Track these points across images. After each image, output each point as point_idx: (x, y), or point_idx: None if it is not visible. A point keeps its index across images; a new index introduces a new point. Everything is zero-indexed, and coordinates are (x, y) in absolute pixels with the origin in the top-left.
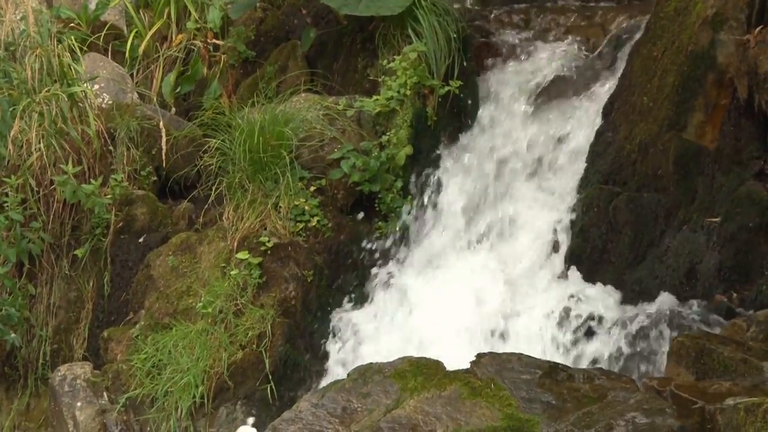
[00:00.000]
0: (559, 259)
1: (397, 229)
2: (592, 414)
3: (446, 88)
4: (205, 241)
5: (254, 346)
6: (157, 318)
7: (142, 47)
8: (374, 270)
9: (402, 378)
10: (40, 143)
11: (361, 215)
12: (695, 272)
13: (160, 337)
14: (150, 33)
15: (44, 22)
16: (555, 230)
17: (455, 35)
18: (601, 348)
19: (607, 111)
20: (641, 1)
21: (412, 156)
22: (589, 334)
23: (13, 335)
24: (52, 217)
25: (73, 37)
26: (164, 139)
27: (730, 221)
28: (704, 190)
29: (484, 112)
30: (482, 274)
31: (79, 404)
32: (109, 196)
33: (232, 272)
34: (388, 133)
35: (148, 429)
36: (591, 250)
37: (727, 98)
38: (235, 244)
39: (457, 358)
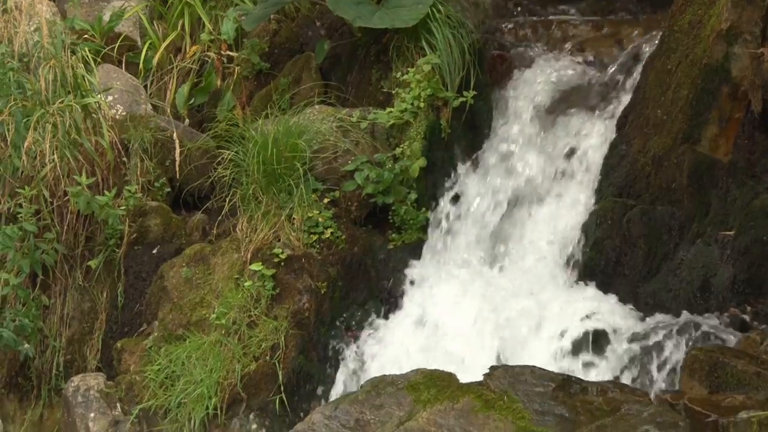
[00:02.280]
0: (574, 270)
1: (413, 240)
2: (606, 427)
3: (460, 100)
4: (218, 252)
5: (267, 357)
6: (171, 329)
7: (156, 59)
8: (388, 282)
9: (415, 390)
10: (53, 154)
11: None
12: (709, 285)
13: (174, 349)
14: (164, 44)
15: (58, 33)
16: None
17: (469, 47)
18: (614, 360)
19: (621, 124)
20: (656, 15)
21: (424, 168)
22: (603, 345)
23: (26, 346)
24: (65, 228)
25: (87, 49)
26: (178, 150)
27: (744, 235)
28: (718, 204)
29: (499, 123)
30: (496, 285)
31: (92, 415)
32: (122, 208)
33: (245, 284)
34: (401, 146)
35: None
36: (605, 263)
37: (741, 111)
38: (249, 255)
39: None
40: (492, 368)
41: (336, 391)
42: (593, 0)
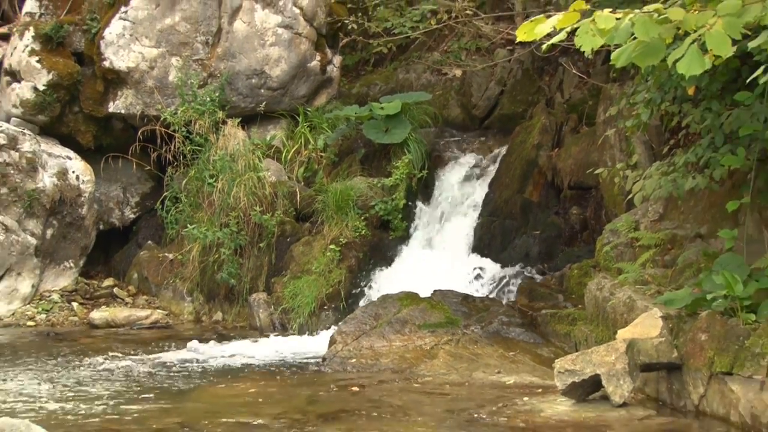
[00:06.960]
0: (469, 248)
1: (399, 235)
2: (483, 317)
3: (420, 175)
4: (315, 240)
5: (337, 286)
6: (295, 273)
7: (289, 156)
8: (389, 253)
9: (401, 300)
10: (244, 198)
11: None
12: (529, 255)
13: (296, 282)
14: (292, 150)
15: (247, 144)
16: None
17: (425, 151)
18: (489, 286)
19: (491, 185)
20: (506, 137)
21: (405, 204)
22: (484, 279)
23: (232, 281)
24: (249, 229)
25: (259, 152)
26: (298, 196)
27: (544, 233)
28: (533, 220)
29: (438, 186)
30: (433, 256)
31: (261, 310)
32: (274, 221)
33: (327, 254)
34: (395, 194)
35: (290, 322)
36: (483, 245)
37: (543, 180)
38: (329, 241)
39: (425, 291)
40: (434, 291)
41: (366, 301)
42: (479, 130)
